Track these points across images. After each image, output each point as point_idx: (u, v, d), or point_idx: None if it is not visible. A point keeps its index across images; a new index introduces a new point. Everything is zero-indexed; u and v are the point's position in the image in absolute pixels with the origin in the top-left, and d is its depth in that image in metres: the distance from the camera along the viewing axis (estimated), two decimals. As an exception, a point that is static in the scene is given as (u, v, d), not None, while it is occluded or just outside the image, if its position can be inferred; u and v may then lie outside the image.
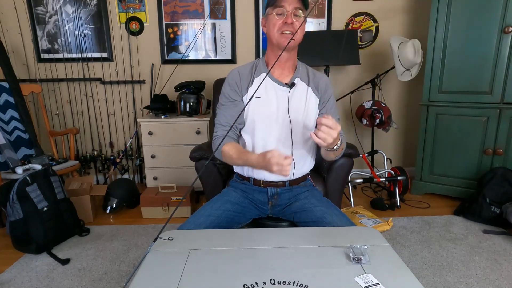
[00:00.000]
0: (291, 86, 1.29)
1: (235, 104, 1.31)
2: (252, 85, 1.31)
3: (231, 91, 1.32)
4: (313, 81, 1.34)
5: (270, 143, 1.30)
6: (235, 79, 1.32)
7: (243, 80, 1.31)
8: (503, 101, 2.31)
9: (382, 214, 2.41)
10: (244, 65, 1.37)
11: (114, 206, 2.48)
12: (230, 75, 1.34)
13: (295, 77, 1.32)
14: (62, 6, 2.83)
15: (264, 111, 1.29)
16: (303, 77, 1.33)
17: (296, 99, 1.30)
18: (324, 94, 1.34)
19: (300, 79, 1.33)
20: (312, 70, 1.38)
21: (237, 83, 1.31)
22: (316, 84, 1.33)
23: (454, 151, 2.52)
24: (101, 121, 3.07)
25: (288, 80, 1.31)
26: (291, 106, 1.29)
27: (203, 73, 2.99)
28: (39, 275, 1.72)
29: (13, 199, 1.89)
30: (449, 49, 2.42)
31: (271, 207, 1.37)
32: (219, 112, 1.34)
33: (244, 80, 1.31)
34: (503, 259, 1.80)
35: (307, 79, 1.33)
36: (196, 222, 1.21)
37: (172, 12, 2.89)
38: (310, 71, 1.37)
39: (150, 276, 0.86)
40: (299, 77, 1.33)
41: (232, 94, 1.32)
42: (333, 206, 1.30)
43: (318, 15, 2.94)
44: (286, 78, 1.32)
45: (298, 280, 0.82)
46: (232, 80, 1.32)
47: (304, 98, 1.31)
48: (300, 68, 1.35)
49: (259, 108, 1.28)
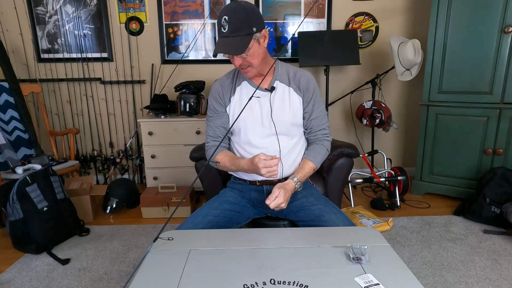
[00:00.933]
0: (271, 90, 1.32)
1: (220, 116, 1.39)
2: (234, 94, 1.36)
3: (215, 103, 1.39)
4: (293, 80, 1.35)
5: (257, 148, 1.33)
6: (217, 91, 1.38)
7: (225, 91, 1.38)
8: (503, 101, 2.30)
9: (382, 214, 2.41)
10: (225, 75, 1.42)
11: (114, 206, 2.48)
12: (213, 88, 1.41)
13: (274, 80, 1.34)
14: (62, 6, 2.83)
15: (248, 118, 1.32)
16: (283, 79, 1.35)
17: (278, 102, 1.33)
18: (307, 92, 1.35)
19: (280, 81, 1.35)
20: (293, 69, 1.38)
21: (219, 95, 1.38)
22: (297, 83, 1.35)
23: (454, 151, 2.52)
24: (101, 121, 3.07)
25: (268, 85, 1.33)
26: (273, 110, 1.32)
27: (203, 73, 2.99)
28: (39, 275, 1.72)
29: (13, 199, 1.89)
30: (449, 49, 2.42)
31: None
32: (207, 124, 1.42)
33: (226, 92, 1.37)
34: (503, 259, 1.80)
35: (287, 80, 1.35)
36: (194, 222, 1.22)
37: (172, 12, 2.89)
38: (290, 70, 1.37)
39: (150, 276, 0.86)
40: (278, 79, 1.35)
41: (216, 106, 1.39)
42: (331, 204, 1.32)
43: (318, 15, 2.94)
44: (266, 82, 1.34)
45: (298, 280, 0.82)
46: (215, 93, 1.39)
47: (287, 99, 1.34)
48: (279, 69, 1.36)
49: (243, 115, 1.30)
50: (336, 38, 2.68)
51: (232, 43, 1.16)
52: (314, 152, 1.37)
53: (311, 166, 1.34)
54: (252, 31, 1.17)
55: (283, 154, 1.34)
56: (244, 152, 1.37)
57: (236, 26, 1.15)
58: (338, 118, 3.18)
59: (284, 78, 1.35)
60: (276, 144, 1.33)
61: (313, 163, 1.35)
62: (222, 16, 1.15)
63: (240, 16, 1.15)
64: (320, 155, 1.37)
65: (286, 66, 1.39)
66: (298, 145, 1.38)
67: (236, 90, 1.36)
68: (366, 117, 2.73)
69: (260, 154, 1.18)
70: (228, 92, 1.37)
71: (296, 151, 1.37)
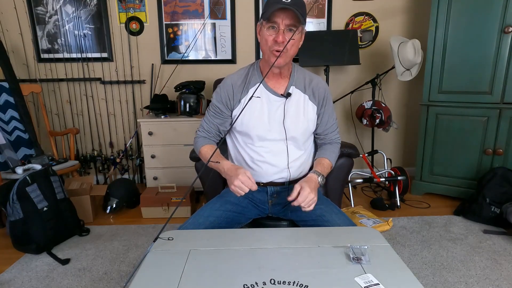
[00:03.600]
0: (287, 96, 1.28)
1: (220, 117, 1.34)
2: (246, 94, 1.29)
3: (221, 104, 1.32)
4: (309, 87, 1.32)
5: (263, 154, 1.30)
6: (227, 91, 1.30)
7: (236, 92, 1.30)
8: (503, 101, 2.30)
9: (382, 214, 2.41)
10: (238, 73, 1.34)
11: (114, 206, 2.48)
12: (223, 86, 1.32)
13: (290, 85, 1.30)
14: (62, 6, 2.83)
15: (258, 121, 1.28)
16: (299, 85, 1.31)
17: (293, 109, 1.29)
18: (323, 101, 1.33)
19: (296, 87, 1.31)
20: (309, 75, 1.35)
21: (229, 96, 1.30)
22: (313, 91, 1.32)
23: (454, 151, 2.52)
24: (101, 121, 3.07)
25: (283, 89, 1.29)
26: (287, 116, 1.28)
27: (203, 73, 2.99)
28: (39, 275, 1.72)
29: (13, 199, 1.89)
30: (449, 49, 2.42)
31: (271, 206, 1.37)
32: (206, 115, 1.39)
33: (237, 92, 1.30)
34: (503, 259, 1.80)
35: (303, 87, 1.31)
36: (196, 223, 1.21)
37: (172, 12, 2.89)
38: (306, 76, 1.34)
39: (150, 276, 0.86)
40: (294, 85, 1.30)
41: (221, 106, 1.32)
42: (332, 205, 1.31)
43: (318, 15, 2.94)
44: (282, 87, 1.30)
45: (298, 280, 0.82)
46: (224, 93, 1.31)
47: (302, 107, 1.30)
48: (295, 74, 1.32)
49: (252, 118, 1.27)
50: (336, 38, 2.69)
51: (296, 12, 1.11)
52: (329, 151, 1.36)
53: (328, 163, 1.32)
54: (304, 20, 1.15)
55: (290, 160, 1.31)
56: (246, 155, 1.34)
57: (297, 3, 1.12)
58: (338, 118, 3.16)
59: (300, 84, 1.31)
60: (285, 150, 1.30)
61: (329, 161, 1.33)
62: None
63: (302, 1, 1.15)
64: (335, 154, 1.37)
65: (302, 71, 1.35)
66: (306, 152, 1.37)
67: (250, 91, 1.29)
68: (366, 117, 2.73)
69: (248, 172, 1.13)
70: (239, 92, 1.29)
71: (303, 157, 1.36)
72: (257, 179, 1.34)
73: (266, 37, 1.17)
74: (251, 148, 1.32)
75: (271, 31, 1.16)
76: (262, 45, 1.21)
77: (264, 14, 1.15)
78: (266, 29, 1.16)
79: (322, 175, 1.25)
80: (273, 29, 1.15)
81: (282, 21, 1.13)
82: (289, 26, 1.14)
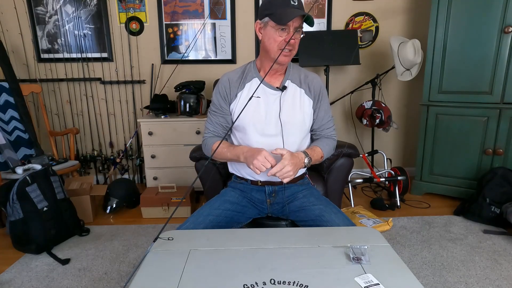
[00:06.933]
0: (282, 89, 1.30)
1: (223, 114, 1.36)
2: (243, 89, 1.33)
3: (220, 99, 1.35)
4: (305, 82, 1.34)
5: (260, 146, 1.30)
6: (224, 86, 1.34)
7: (233, 87, 1.34)
8: (503, 101, 2.30)
9: (382, 214, 2.41)
10: (234, 70, 1.39)
11: (114, 206, 2.48)
12: (220, 82, 1.37)
13: (285, 79, 1.33)
14: (62, 6, 2.83)
15: (254, 115, 1.30)
16: (295, 79, 1.34)
17: (289, 102, 1.31)
18: (318, 95, 1.35)
19: (291, 81, 1.33)
20: (304, 72, 1.37)
21: (226, 91, 1.34)
22: (308, 85, 1.34)
23: (454, 151, 2.52)
24: (101, 121, 3.07)
25: (279, 83, 1.32)
26: (283, 110, 1.30)
27: (203, 73, 2.99)
28: (39, 275, 1.72)
29: (13, 199, 1.89)
30: (449, 49, 2.42)
31: (269, 205, 1.38)
32: (209, 117, 1.40)
33: (234, 87, 1.34)
34: (503, 259, 1.80)
35: (299, 81, 1.34)
36: (195, 222, 1.22)
37: (172, 12, 2.89)
38: (302, 72, 1.36)
39: (150, 276, 0.86)
40: (290, 79, 1.33)
41: (221, 102, 1.35)
42: (331, 204, 1.31)
43: (318, 15, 2.94)
44: (277, 81, 1.33)
45: (298, 280, 0.82)
46: (222, 88, 1.35)
47: (298, 100, 1.32)
48: (291, 69, 1.35)
49: (249, 113, 1.29)
50: (336, 38, 2.68)
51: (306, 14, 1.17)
52: (323, 143, 1.36)
53: (320, 151, 1.33)
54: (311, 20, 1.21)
55: None
56: None
57: (302, 4, 1.21)
58: (338, 118, 3.18)
59: (296, 79, 1.34)
60: (281, 144, 1.31)
61: (321, 150, 1.33)
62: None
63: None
64: (329, 146, 1.37)
65: (297, 68, 1.38)
66: (302, 146, 1.37)
67: (246, 86, 1.33)
68: (366, 117, 2.73)
69: (265, 151, 1.15)
70: (235, 87, 1.33)
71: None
72: (254, 177, 1.36)
73: (275, 37, 1.21)
74: (246, 144, 1.34)
75: (281, 32, 1.20)
76: (269, 44, 1.23)
77: (273, 15, 1.17)
78: (276, 30, 1.20)
79: (310, 158, 1.26)
80: (283, 30, 1.19)
81: (292, 23, 1.18)
82: (297, 28, 1.19)
